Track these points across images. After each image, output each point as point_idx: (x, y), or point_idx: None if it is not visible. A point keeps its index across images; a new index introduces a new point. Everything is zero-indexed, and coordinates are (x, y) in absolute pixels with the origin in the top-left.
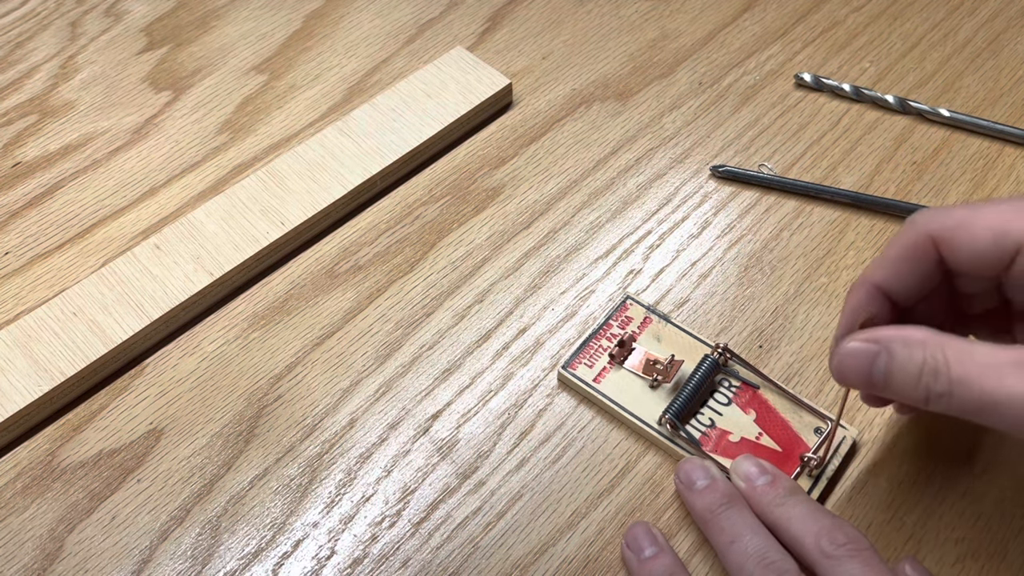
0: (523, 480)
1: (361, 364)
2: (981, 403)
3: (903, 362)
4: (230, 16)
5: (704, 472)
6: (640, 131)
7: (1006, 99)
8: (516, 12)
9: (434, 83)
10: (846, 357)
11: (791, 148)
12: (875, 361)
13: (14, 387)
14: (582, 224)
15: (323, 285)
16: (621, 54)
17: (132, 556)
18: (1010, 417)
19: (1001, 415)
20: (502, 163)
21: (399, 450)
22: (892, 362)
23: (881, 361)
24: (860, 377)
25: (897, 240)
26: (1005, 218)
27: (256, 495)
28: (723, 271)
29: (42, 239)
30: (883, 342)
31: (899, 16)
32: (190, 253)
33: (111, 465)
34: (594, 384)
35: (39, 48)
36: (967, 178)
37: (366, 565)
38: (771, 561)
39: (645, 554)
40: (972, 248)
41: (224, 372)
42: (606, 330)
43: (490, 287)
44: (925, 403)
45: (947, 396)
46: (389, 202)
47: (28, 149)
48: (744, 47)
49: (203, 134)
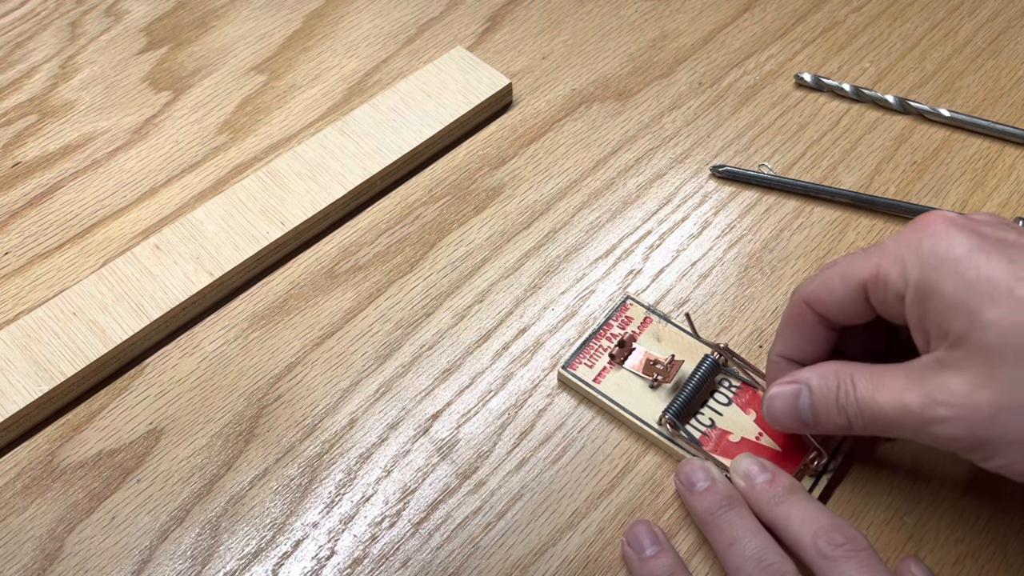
0: (523, 480)
1: (361, 364)
2: (884, 418)
3: (822, 393)
4: (230, 16)
5: (704, 473)
6: (640, 131)
7: (1006, 99)
8: (516, 12)
9: (434, 83)
10: (772, 401)
11: (791, 148)
12: (799, 398)
13: (14, 387)
14: (582, 224)
15: (323, 285)
16: (621, 54)
17: (132, 556)
18: (904, 428)
19: (898, 426)
20: (502, 163)
21: (399, 450)
22: (813, 395)
23: (804, 397)
24: (789, 416)
25: (784, 313)
26: (849, 262)
27: (256, 495)
28: (723, 271)
29: (42, 239)
30: (802, 380)
31: (899, 16)
32: (190, 253)
33: (111, 465)
34: (594, 384)
35: (39, 48)
36: (967, 178)
37: (366, 565)
38: (769, 563)
39: (646, 553)
40: (832, 300)
41: (224, 372)
42: (606, 330)
43: (490, 287)
44: (849, 427)
45: (859, 416)
46: (389, 202)
47: (28, 149)
48: (744, 47)
49: (203, 134)
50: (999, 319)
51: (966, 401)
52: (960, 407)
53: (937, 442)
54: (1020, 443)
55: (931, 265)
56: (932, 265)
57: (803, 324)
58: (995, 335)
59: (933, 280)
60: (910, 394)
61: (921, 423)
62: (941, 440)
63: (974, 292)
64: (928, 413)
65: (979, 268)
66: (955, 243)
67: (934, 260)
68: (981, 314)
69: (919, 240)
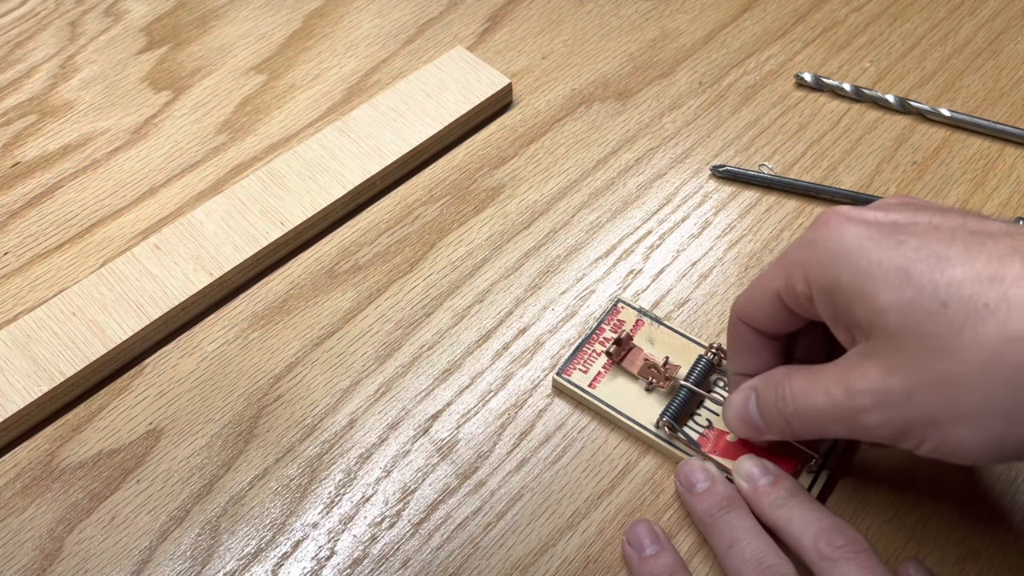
0: (523, 480)
1: (361, 364)
2: (817, 416)
3: (767, 397)
4: (230, 16)
5: (704, 474)
6: (640, 131)
7: (1007, 99)
8: (516, 12)
9: (434, 83)
10: (727, 409)
11: (791, 148)
12: (748, 404)
13: (14, 387)
14: (582, 224)
15: (323, 285)
16: (621, 54)
17: (132, 556)
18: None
19: (830, 422)
20: (502, 163)
21: (399, 450)
22: (759, 399)
23: (751, 402)
24: (743, 422)
25: (727, 331)
26: (765, 274)
27: (256, 495)
28: (723, 271)
29: (41, 239)
30: (750, 387)
31: (899, 16)
32: (190, 253)
33: (111, 465)
34: (589, 389)
35: (39, 48)
36: (967, 178)
37: (366, 566)
38: (768, 565)
39: (647, 552)
40: (758, 313)
41: (224, 372)
42: (599, 334)
43: (490, 287)
44: (790, 429)
45: (796, 416)
46: (389, 202)
47: (27, 149)
48: (744, 47)
49: (203, 134)
50: (893, 301)
51: (881, 387)
52: (876, 393)
53: (869, 434)
54: (942, 421)
55: (827, 262)
56: (828, 262)
57: (744, 339)
58: (893, 317)
59: (832, 276)
60: (835, 388)
61: (848, 415)
62: (871, 431)
63: (868, 279)
64: (852, 404)
65: (869, 255)
66: (846, 236)
67: (828, 256)
68: (877, 299)
69: (813, 241)
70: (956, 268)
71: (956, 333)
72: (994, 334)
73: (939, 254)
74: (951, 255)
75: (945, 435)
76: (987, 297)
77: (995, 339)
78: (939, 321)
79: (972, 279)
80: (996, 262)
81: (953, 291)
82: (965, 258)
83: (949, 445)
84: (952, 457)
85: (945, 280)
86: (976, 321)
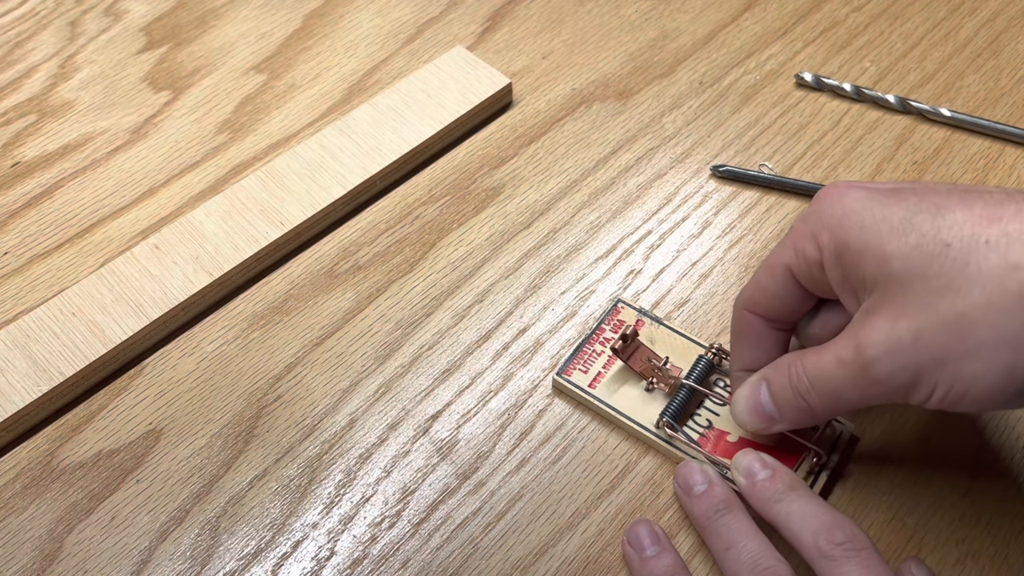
0: (523, 481)
1: (361, 364)
2: (831, 384)
3: (779, 382)
4: (229, 16)
5: (702, 476)
6: (640, 131)
7: (1007, 99)
8: (516, 12)
9: (434, 83)
10: (736, 404)
11: (792, 148)
12: (759, 394)
13: (13, 387)
14: (582, 224)
15: (323, 285)
16: (621, 54)
17: (131, 556)
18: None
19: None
20: (502, 163)
21: (399, 450)
22: (771, 387)
23: (763, 391)
24: (755, 414)
25: (731, 327)
26: (770, 256)
27: (255, 496)
28: (723, 271)
29: (41, 239)
30: (762, 376)
31: (900, 16)
32: (189, 253)
33: (110, 465)
34: (589, 389)
35: (38, 48)
36: (968, 178)
37: (366, 566)
38: (765, 567)
39: (647, 552)
40: (767, 296)
41: (223, 372)
42: (599, 335)
43: (490, 287)
44: (808, 408)
45: (811, 391)
46: (389, 202)
47: (27, 149)
48: (744, 47)
49: (202, 134)
50: (898, 249)
51: (889, 335)
52: (885, 342)
53: (881, 387)
54: (951, 358)
55: (835, 225)
56: (835, 226)
57: (751, 332)
58: (899, 264)
59: (840, 237)
60: (845, 350)
61: (859, 372)
62: (883, 383)
63: (874, 233)
64: (861, 359)
65: (873, 212)
66: (850, 199)
67: (835, 220)
68: (883, 249)
69: (819, 210)
70: (956, 212)
71: (960, 270)
72: (996, 266)
73: (938, 204)
74: (950, 203)
75: (955, 375)
76: (988, 234)
77: (998, 270)
78: (943, 261)
79: (972, 221)
80: (993, 206)
81: (955, 231)
82: (963, 205)
83: (960, 387)
84: (963, 402)
85: (947, 223)
86: (978, 257)
